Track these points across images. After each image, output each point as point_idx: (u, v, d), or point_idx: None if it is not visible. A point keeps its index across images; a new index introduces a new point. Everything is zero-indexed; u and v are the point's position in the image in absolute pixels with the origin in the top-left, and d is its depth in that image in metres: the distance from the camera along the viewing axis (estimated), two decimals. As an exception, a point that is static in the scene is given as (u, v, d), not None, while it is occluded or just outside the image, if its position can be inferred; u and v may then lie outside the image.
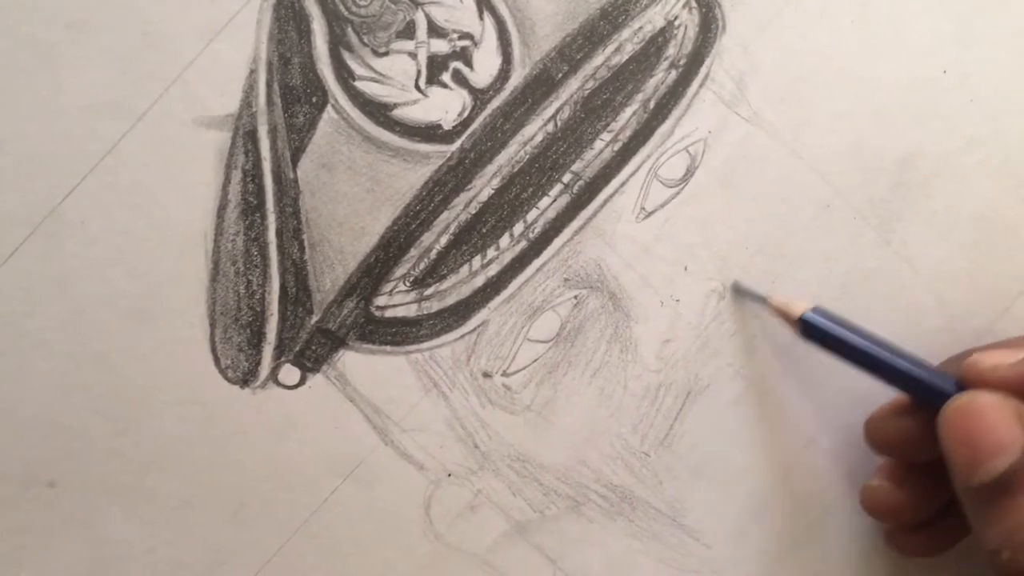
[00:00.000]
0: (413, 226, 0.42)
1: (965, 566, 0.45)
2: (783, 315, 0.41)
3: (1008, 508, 0.34)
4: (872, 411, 0.42)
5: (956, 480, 0.36)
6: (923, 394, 0.39)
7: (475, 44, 0.42)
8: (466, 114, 0.42)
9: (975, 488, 0.35)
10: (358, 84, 0.41)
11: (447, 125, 0.42)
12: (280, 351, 0.41)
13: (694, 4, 0.42)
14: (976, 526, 0.36)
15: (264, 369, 0.41)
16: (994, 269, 0.45)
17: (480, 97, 0.42)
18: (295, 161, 0.41)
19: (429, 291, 0.42)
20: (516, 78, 0.42)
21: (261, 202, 0.41)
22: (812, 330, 0.40)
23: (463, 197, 0.42)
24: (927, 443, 0.38)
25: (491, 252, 0.42)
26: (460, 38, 0.41)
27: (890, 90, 0.44)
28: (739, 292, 0.44)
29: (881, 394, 0.41)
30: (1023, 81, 0.44)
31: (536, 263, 0.42)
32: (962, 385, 0.38)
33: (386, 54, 0.41)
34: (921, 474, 0.41)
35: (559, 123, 0.42)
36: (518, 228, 0.42)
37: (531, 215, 0.42)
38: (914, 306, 0.44)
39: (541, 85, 0.42)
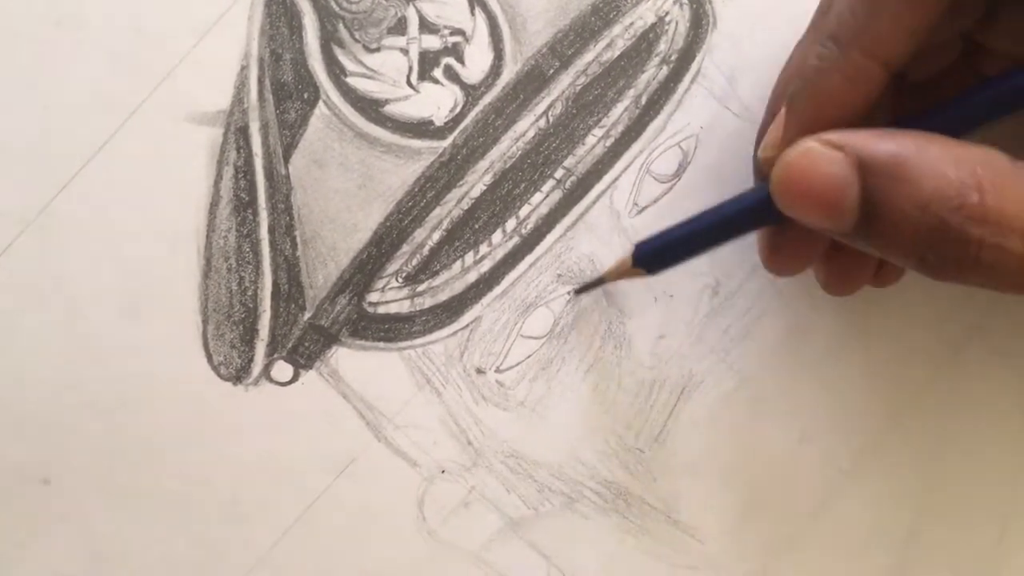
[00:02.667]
0: (405, 222, 0.42)
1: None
2: (621, 271, 0.39)
3: (893, 222, 0.31)
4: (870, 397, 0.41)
5: (837, 237, 0.33)
6: (767, 216, 0.36)
7: (466, 40, 0.42)
8: (458, 110, 0.42)
9: (855, 232, 0.32)
10: (350, 80, 0.41)
11: (439, 121, 0.42)
12: (273, 347, 0.41)
13: (684, 0, 0.42)
14: (888, 257, 0.33)
15: (257, 366, 0.41)
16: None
17: (472, 93, 0.42)
18: (287, 157, 0.41)
19: (422, 287, 0.42)
20: (508, 74, 0.42)
21: (253, 198, 0.41)
22: (651, 259, 0.38)
23: (455, 193, 0.42)
24: (815, 239, 0.37)
25: (484, 248, 0.42)
26: (452, 34, 0.42)
27: (882, 86, 0.44)
28: (581, 291, 0.43)
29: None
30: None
31: (529, 259, 0.42)
32: None
33: (378, 50, 0.41)
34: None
35: (551, 119, 0.42)
36: (511, 224, 0.42)
37: (523, 211, 0.42)
38: (905, 304, 0.44)
39: (533, 81, 0.42)
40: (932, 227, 0.31)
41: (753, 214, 0.36)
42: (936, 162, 0.31)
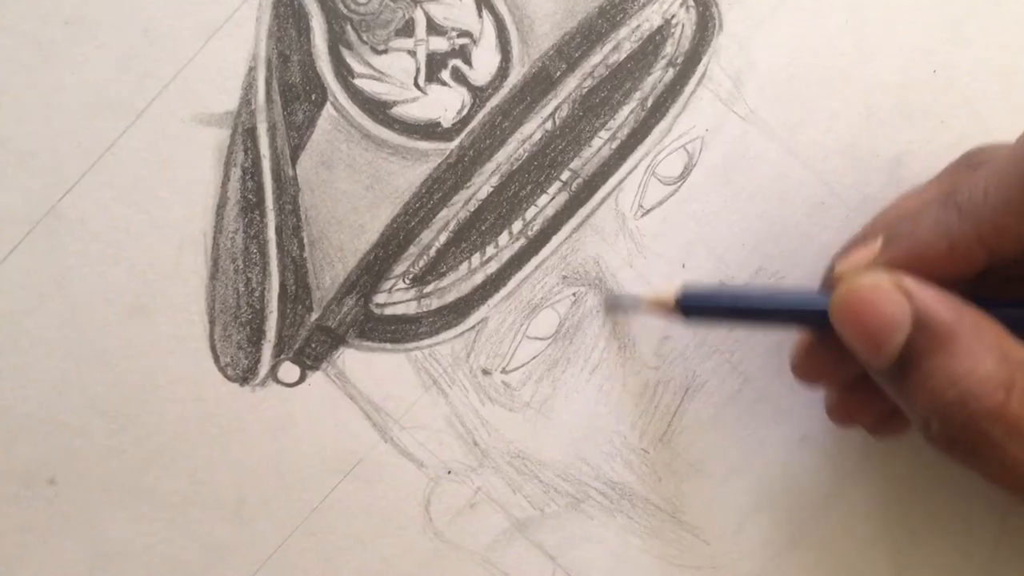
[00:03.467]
0: (412, 224, 0.42)
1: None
2: (660, 308, 0.40)
3: (921, 379, 0.33)
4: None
5: (870, 370, 0.35)
6: (814, 321, 0.37)
7: (474, 42, 0.42)
8: (465, 112, 0.42)
9: (886, 371, 0.34)
10: (357, 82, 0.41)
11: (446, 123, 0.42)
12: (280, 349, 0.41)
13: (691, 3, 0.43)
14: (903, 406, 0.35)
15: (264, 367, 0.41)
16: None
17: (479, 95, 0.42)
18: (294, 159, 0.41)
19: (428, 288, 0.42)
20: (515, 76, 0.42)
21: (260, 200, 0.41)
22: (692, 308, 0.39)
23: (462, 195, 0.42)
24: (847, 366, 0.38)
25: (490, 250, 0.42)
26: (459, 36, 0.42)
27: (882, 89, 0.44)
28: (611, 307, 0.43)
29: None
30: (1012, 81, 0.45)
31: (535, 261, 0.43)
32: None
33: (385, 52, 0.41)
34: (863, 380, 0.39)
35: (558, 121, 0.42)
36: (517, 226, 0.42)
37: (530, 213, 0.42)
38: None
39: (540, 83, 0.42)
40: (950, 402, 0.32)
41: (805, 315, 0.38)
42: (982, 349, 0.32)
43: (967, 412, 0.32)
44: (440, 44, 0.42)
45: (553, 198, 0.42)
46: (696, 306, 0.39)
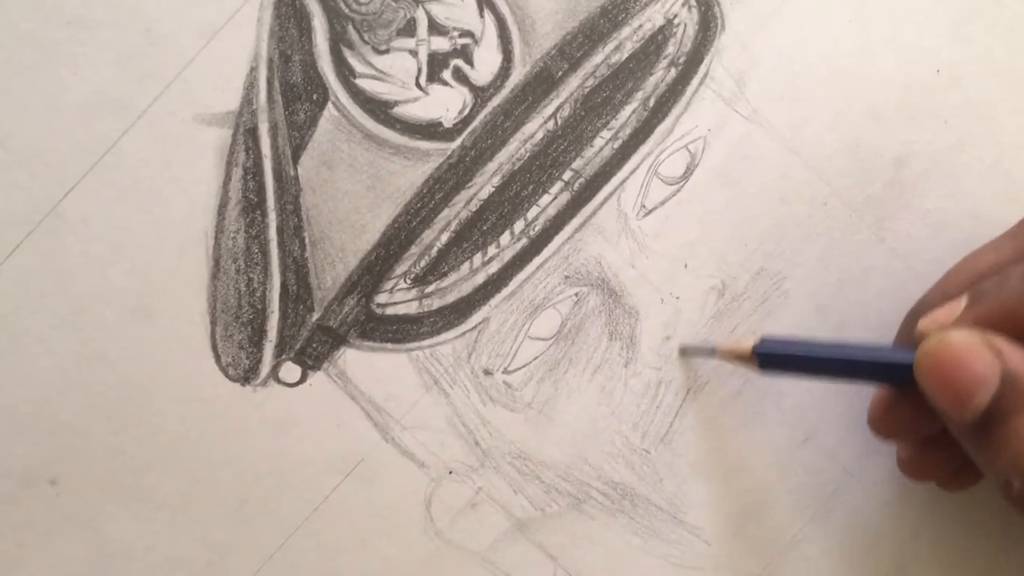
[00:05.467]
0: (414, 223, 0.42)
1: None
2: (736, 357, 0.40)
3: (1005, 438, 0.33)
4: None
5: (950, 426, 0.35)
6: (896, 376, 0.38)
7: (476, 42, 0.42)
8: (467, 112, 0.42)
9: (968, 428, 0.34)
10: (359, 82, 0.41)
11: (448, 123, 0.42)
12: (281, 349, 0.41)
13: (693, 2, 0.43)
14: (981, 464, 0.35)
15: (265, 367, 0.41)
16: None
17: (481, 95, 0.42)
18: (296, 158, 0.41)
19: (430, 288, 0.42)
20: (516, 76, 0.42)
21: (262, 200, 0.41)
22: (769, 360, 0.39)
23: (464, 195, 0.42)
24: (925, 423, 0.38)
25: (492, 250, 0.42)
26: (461, 36, 0.42)
27: (886, 89, 0.44)
28: (685, 352, 0.44)
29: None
30: (1015, 81, 0.45)
31: (537, 261, 0.43)
32: None
33: (387, 52, 0.41)
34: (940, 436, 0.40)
35: (559, 121, 0.42)
36: (519, 226, 0.42)
37: (532, 213, 0.42)
38: (907, 302, 0.44)
39: (541, 83, 0.42)
40: None
41: (887, 371, 0.38)
42: None
43: None
44: (442, 44, 0.42)
45: (555, 198, 0.42)
46: (772, 357, 0.39)
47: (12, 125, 0.39)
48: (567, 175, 0.42)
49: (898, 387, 0.39)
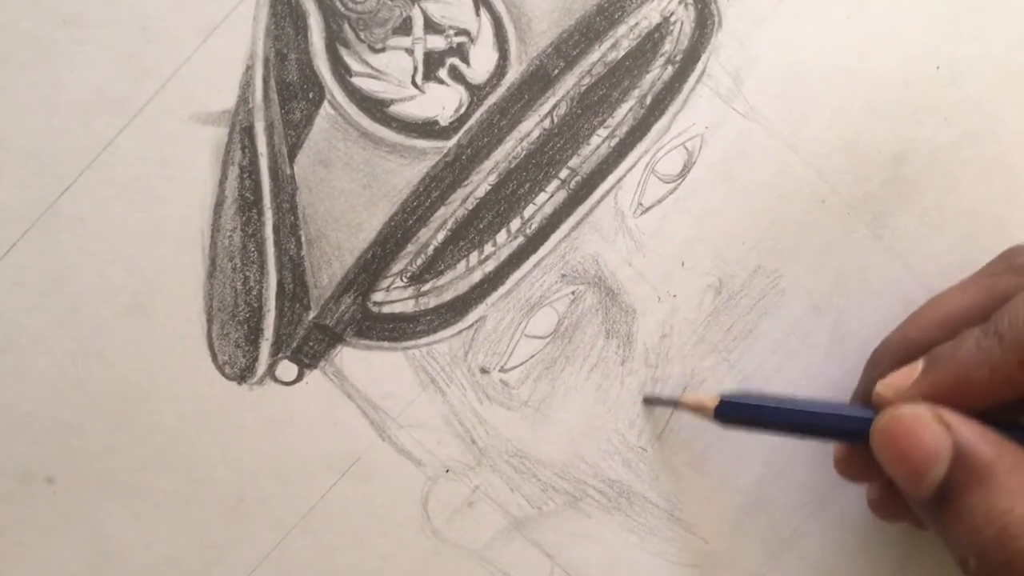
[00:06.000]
0: (410, 222, 0.42)
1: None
2: (698, 409, 0.41)
3: (958, 513, 0.33)
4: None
5: (908, 500, 0.36)
6: (854, 437, 0.38)
7: (471, 40, 0.42)
8: (463, 110, 0.42)
9: (925, 503, 0.34)
10: (355, 80, 0.41)
11: (444, 121, 0.42)
12: (277, 347, 0.41)
13: (690, 0, 0.42)
14: (940, 536, 0.35)
15: (261, 365, 0.41)
16: (984, 263, 0.45)
17: (477, 93, 0.42)
18: (292, 157, 0.41)
19: (426, 287, 0.42)
20: (512, 74, 0.42)
21: (258, 198, 0.41)
22: (729, 416, 0.40)
23: (460, 193, 0.42)
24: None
25: (488, 248, 0.42)
26: (457, 34, 0.42)
27: (885, 86, 0.44)
28: (649, 402, 0.44)
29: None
30: (1014, 78, 0.45)
31: (533, 259, 0.43)
32: None
33: (383, 50, 0.41)
34: None
35: (556, 119, 0.42)
36: (515, 224, 0.42)
37: (528, 211, 0.42)
38: (904, 301, 0.44)
39: (537, 81, 0.42)
40: (988, 540, 0.33)
41: (845, 434, 0.39)
42: (1022, 487, 0.33)
43: (1006, 552, 0.32)
44: (438, 42, 0.41)
45: (551, 196, 0.42)
46: (733, 416, 0.40)
47: (9, 123, 0.39)
48: (564, 173, 0.42)
49: (857, 446, 0.40)
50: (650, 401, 0.44)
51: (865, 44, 0.44)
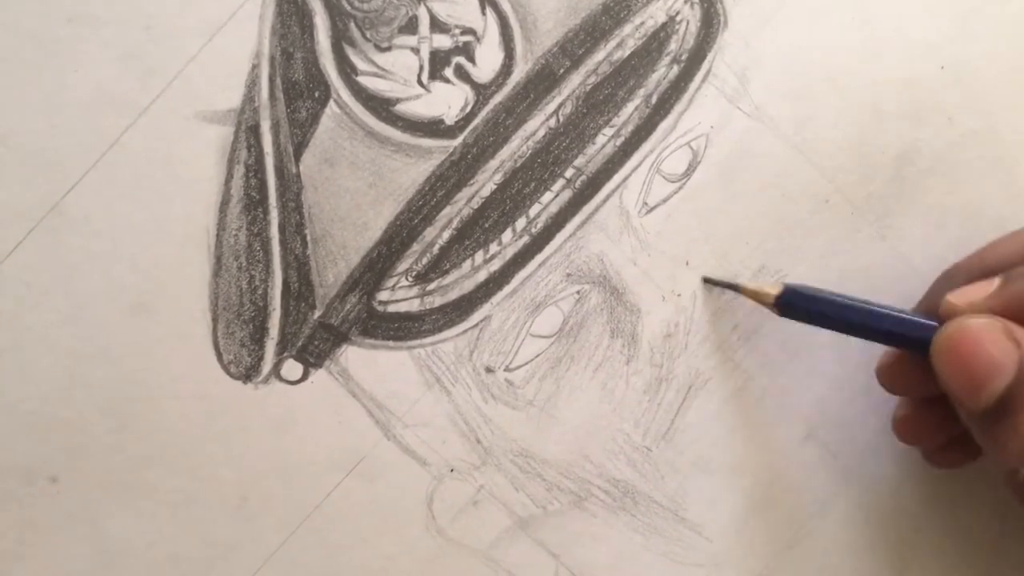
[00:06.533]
0: (416, 221, 0.42)
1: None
2: (758, 297, 0.41)
3: (1015, 427, 0.33)
4: (876, 400, 0.42)
5: (960, 410, 0.36)
6: (912, 343, 0.38)
7: (477, 39, 0.42)
8: (468, 109, 0.42)
9: (980, 414, 0.34)
10: (361, 79, 0.41)
11: (449, 120, 0.42)
12: (283, 346, 0.41)
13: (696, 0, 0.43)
14: (989, 451, 0.35)
15: (267, 364, 0.41)
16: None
17: (482, 92, 0.42)
18: (298, 156, 0.41)
19: (432, 286, 0.42)
20: (518, 73, 0.42)
21: (264, 197, 0.41)
22: (791, 303, 0.40)
23: (465, 192, 0.42)
24: (933, 384, 0.38)
25: (494, 247, 0.42)
26: (462, 33, 0.41)
27: (889, 86, 0.44)
28: (710, 285, 0.44)
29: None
30: (1018, 78, 0.45)
31: (538, 258, 0.43)
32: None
33: (389, 49, 0.41)
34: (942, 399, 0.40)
35: (561, 118, 0.42)
36: (520, 223, 0.42)
37: (533, 210, 0.42)
38: (909, 300, 0.44)
39: (543, 80, 0.42)
40: None
41: (907, 340, 0.38)
42: None
43: None
44: (443, 41, 0.41)
45: (557, 195, 0.42)
46: (795, 301, 0.40)
47: (14, 122, 0.39)
48: (569, 172, 0.42)
49: (914, 354, 0.39)
50: (710, 281, 0.43)
51: (869, 44, 0.44)
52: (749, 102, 0.43)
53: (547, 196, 0.42)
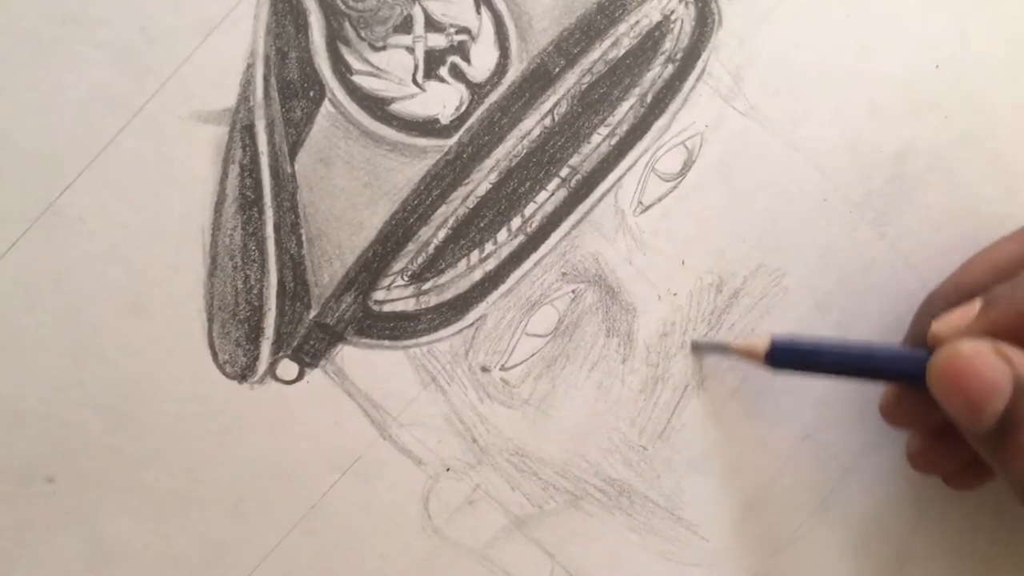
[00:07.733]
0: (411, 220, 0.42)
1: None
2: (748, 355, 0.41)
3: (1019, 445, 0.33)
4: (873, 400, 0.42)
5: (966, 435, 0.36)
6: (908, 376, 0.38)
7: (472, 38, 0.42)
8: (463, 108, 0.42)
9: (984, 436, 0.34)
10: (355, 78, 0.41)
11: (444, 119, 0.42)
12: (278, 346, 0.41)
13: (690, -2, 0.43)
14: (998, 469, 0.35)
15: (262, 364, 0.41)
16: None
17: (477, 91, 0.42)
18: (293, 155, 0.41)
19: (427, 285, 0.42)
20: (513, 72, 0.42)
21: (259, 197, 0.41)
22: (781, 359, 0.40)
23: (461, 191, 0.42)
24: (938, 412, 0.38)
25: (489, 246, 0.42)
26: (457, 32, 0.41)
27: (885, 84, 0.44)
28: (698, 348, 0.44)
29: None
30: (1015, 76, 0.45)
31: (534, 257, 0.42)
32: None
33: (383, 48, 0.41)
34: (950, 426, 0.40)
35: (556, 117, 0.42)
36: (516, 222, 0.42)
37: (529, 209, 0.42)
38: (908, 299, 0.44)
39: (538, 79, 0.42)
40: None
41: (899, 374, 0.38)
42: None
43: None
44: (438, 41, 0.41)
45: (552, 194, 0.42)
46: (786, 358, 0.40)
47: (9, 122, 0.39)
48: (564, 172, 0.42)
49: (911, 386, 0.39)
50: (698, 347, 0.44)
51: (865, 42, 0.44)
52: (744, 101, 0.43)
53: (542, 195, 0.42)
